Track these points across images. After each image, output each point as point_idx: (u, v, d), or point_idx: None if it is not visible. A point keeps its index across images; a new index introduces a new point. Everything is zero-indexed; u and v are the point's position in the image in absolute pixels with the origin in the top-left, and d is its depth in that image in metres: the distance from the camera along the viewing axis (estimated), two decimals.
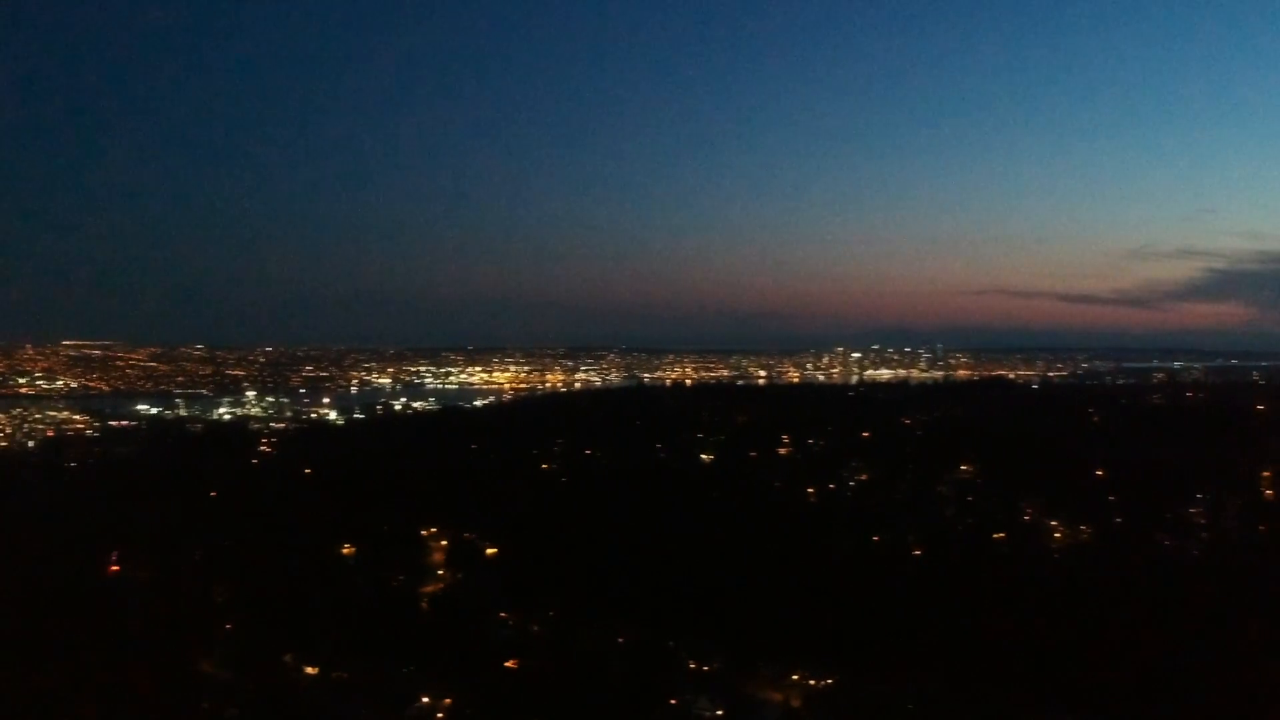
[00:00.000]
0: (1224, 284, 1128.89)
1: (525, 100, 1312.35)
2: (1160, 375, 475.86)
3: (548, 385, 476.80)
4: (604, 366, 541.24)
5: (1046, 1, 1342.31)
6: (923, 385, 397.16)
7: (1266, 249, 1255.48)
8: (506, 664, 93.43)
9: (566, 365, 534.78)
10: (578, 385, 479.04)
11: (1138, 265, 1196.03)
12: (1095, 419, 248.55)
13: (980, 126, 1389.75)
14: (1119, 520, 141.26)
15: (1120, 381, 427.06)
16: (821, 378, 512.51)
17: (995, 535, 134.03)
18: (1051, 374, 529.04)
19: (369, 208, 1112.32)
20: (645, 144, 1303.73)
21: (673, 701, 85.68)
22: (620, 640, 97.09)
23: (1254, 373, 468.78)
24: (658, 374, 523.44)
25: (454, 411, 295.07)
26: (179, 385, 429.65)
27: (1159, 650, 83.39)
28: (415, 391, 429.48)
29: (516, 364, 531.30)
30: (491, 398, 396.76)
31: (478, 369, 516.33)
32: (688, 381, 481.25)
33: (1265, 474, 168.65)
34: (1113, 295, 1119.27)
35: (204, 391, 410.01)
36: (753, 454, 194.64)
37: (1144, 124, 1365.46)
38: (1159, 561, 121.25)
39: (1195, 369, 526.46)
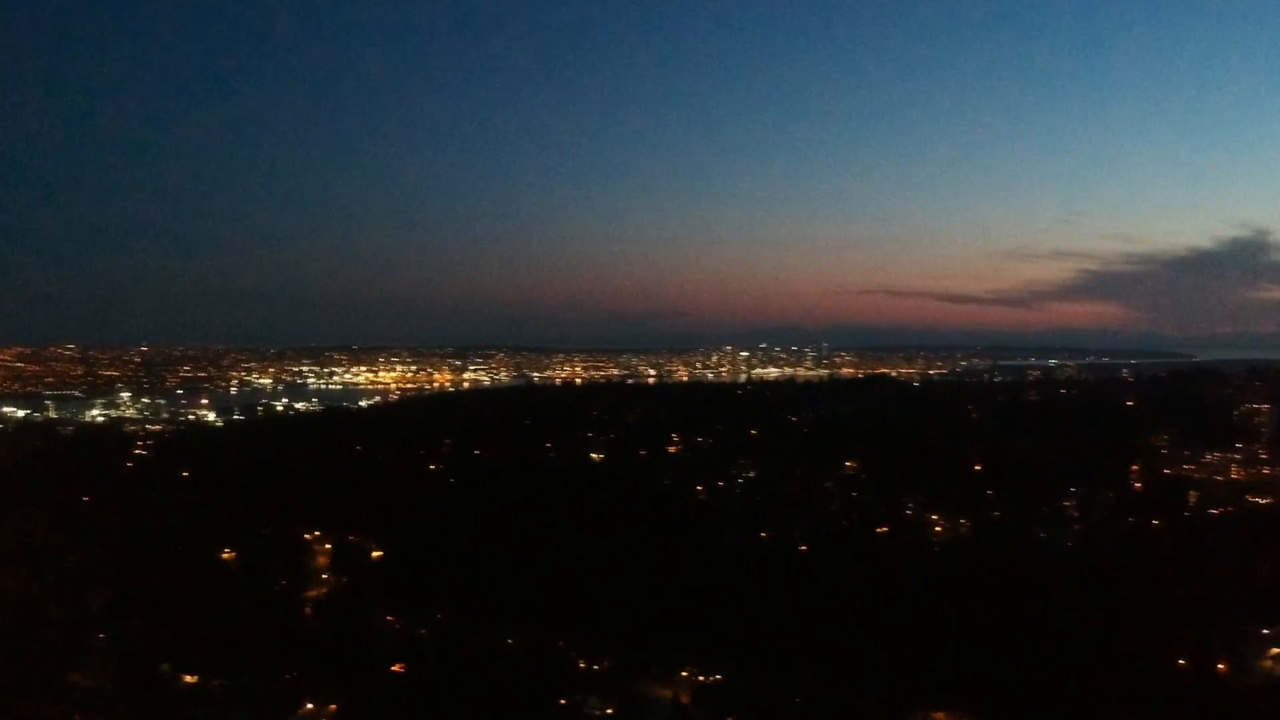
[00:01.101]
0: (1096, 284, 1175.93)
1: (408, 100, 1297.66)
2: (1036, 373, 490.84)
3: (436, 385, 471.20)
4: (493, 366, 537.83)
5: (926, 7, 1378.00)
6: (809, 383, 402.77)
7: (1135, 251, 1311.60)
8: (393, 668, 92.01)
9: (455, 364, 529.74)
10: (466, 384, 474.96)
11: (1014, 266, 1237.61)
12: (974, 416, 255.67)
13: (862, 131, 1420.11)
14: (996, 514, 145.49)
15: (997, 379, 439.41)
16: (710, 376, 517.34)
17: (879, 530, 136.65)
18: (932, 372, 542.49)
19: (249, 205, 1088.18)
20: (533, 144, 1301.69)
21: (563, 701, 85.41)
22: (510, 642, 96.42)
23: (1124, 370, 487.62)
24: (547, 373, 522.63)
25: (338, 412, 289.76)
26: (49, 386, 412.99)
27: (1036, 640, 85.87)
28: (298, 392, 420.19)
29: (403, 363, 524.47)
30: (377, 398, 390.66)
31: (363, 369, 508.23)
32: (578, 380, 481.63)
33: (1134, 467, 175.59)
34: (990, 295, 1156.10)
35: (76, 393, 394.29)
36: (643, 452, 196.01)
37: (1020, 129, 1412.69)
38: (1034, 553, 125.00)
39: (1069, 366, 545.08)
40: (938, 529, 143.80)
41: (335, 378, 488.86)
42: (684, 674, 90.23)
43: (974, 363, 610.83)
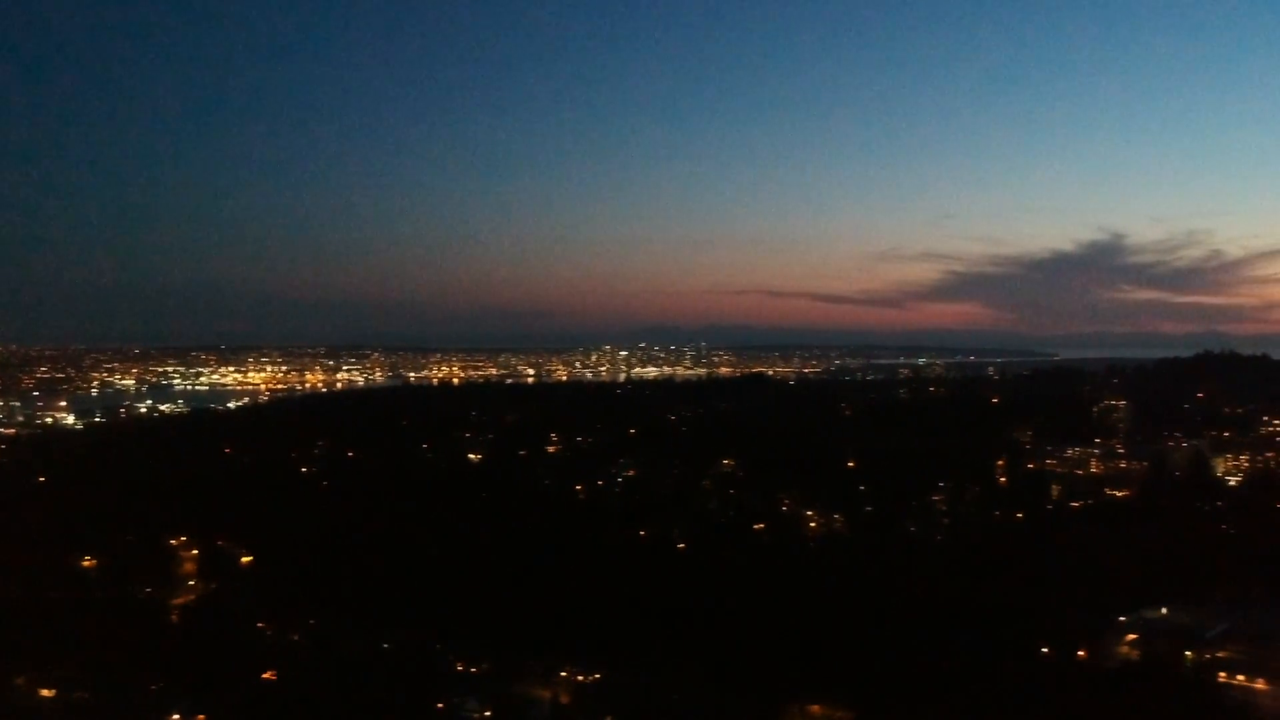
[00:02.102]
0: (963, 285, 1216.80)
1: (277, 93, 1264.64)
2: (906, 371, 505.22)
3: (308, 385, 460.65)
4: (368, 366, 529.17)
5: (798, 8, 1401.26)
6: (687, 382, 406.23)
7: (1000, 253, 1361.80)
8: (264, 675, 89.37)
9: (328, 365, 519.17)
10: (340, 385, 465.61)
11: (885, 267, 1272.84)
12: (847, 413, 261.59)
13: (741, 133, 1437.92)
14: (869, 509, 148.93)
15: (870, 377, 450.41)
16: (590, 376, 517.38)
17: (756, 526, 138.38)
18: (807, 370, 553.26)
19: (108, 200, 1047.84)
20: (410, 140, 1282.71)
21: (440, 705, 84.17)
22: (385, 646, 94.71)
23: (990, 368, 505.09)
24: (424, 373, 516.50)
25: (205, 414, 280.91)
26: None
27: (908, 631, 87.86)
28: (162, 393, 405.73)
29: (274, 364, 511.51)
30: (246, 399, 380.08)
31: (231, 369, 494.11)
32: (455, 380, 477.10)
33: (1000, 462, 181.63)
34: (863, 296, 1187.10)
35: None
36: (522, 452, 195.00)
37: (892, 134, 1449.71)
38: (905, 546, 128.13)
39: (938, 365, 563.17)
40: (813, 525, 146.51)
41: (202, 379, 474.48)
42: (563, 674, 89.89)
43: (847, 362, 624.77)
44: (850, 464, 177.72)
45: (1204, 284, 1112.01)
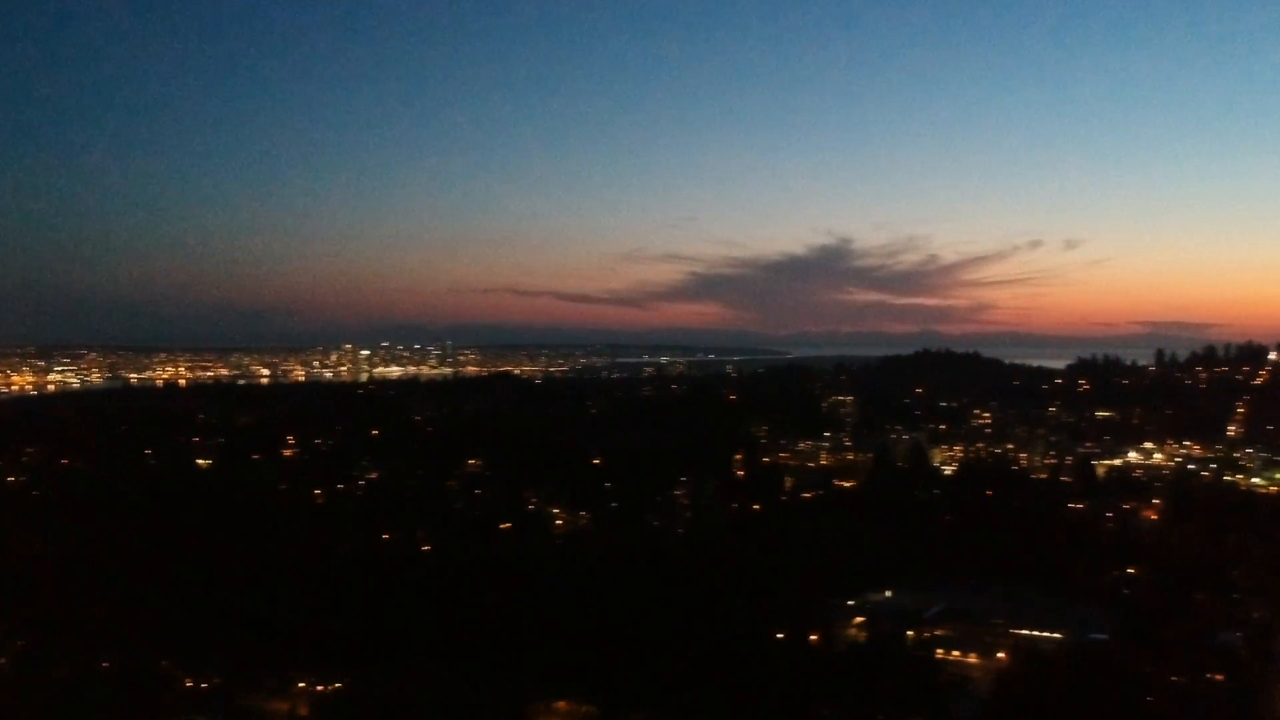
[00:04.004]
0: (703, 286, 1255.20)
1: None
2: (650, 370, 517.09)
3: (14, 388, 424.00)
4: (83, 367, 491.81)
5: (535, 12, 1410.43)
6: (432, 382, 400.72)
7: (738, 255, 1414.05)
8: None
9: (37, 366, 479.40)
10: (52, 388, 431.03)
11: (629, 268, 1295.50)
12: (593, 411, 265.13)
13: (486, 130, 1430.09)
14: (614, 505, 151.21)
15: (615, 376, 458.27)
16: (330, 376, 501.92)
17: (502, 526, 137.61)
18: (553, 369, 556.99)
19: None
20: (130, 125, 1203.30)
21: None
22: (105, 665, 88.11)
23: (729, 366, 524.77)
24: (147, 374, 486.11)
25: None
26: None
27: (652, 624, 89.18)
28: None
29: None
30: None
31: None
32: (182, 382, 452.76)
33: (738, 457, 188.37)
34: (607, 295, 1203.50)
35: None
36: (256, 456, 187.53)
37: (637, 134, 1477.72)
38: (649, 540, 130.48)
39: (680, 364, 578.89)
40: (559, 522, 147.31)
41: None
42: (301, 685, 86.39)
43: (593, 360, 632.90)
44: (596, 461, 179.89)
45: (922, 287, 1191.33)
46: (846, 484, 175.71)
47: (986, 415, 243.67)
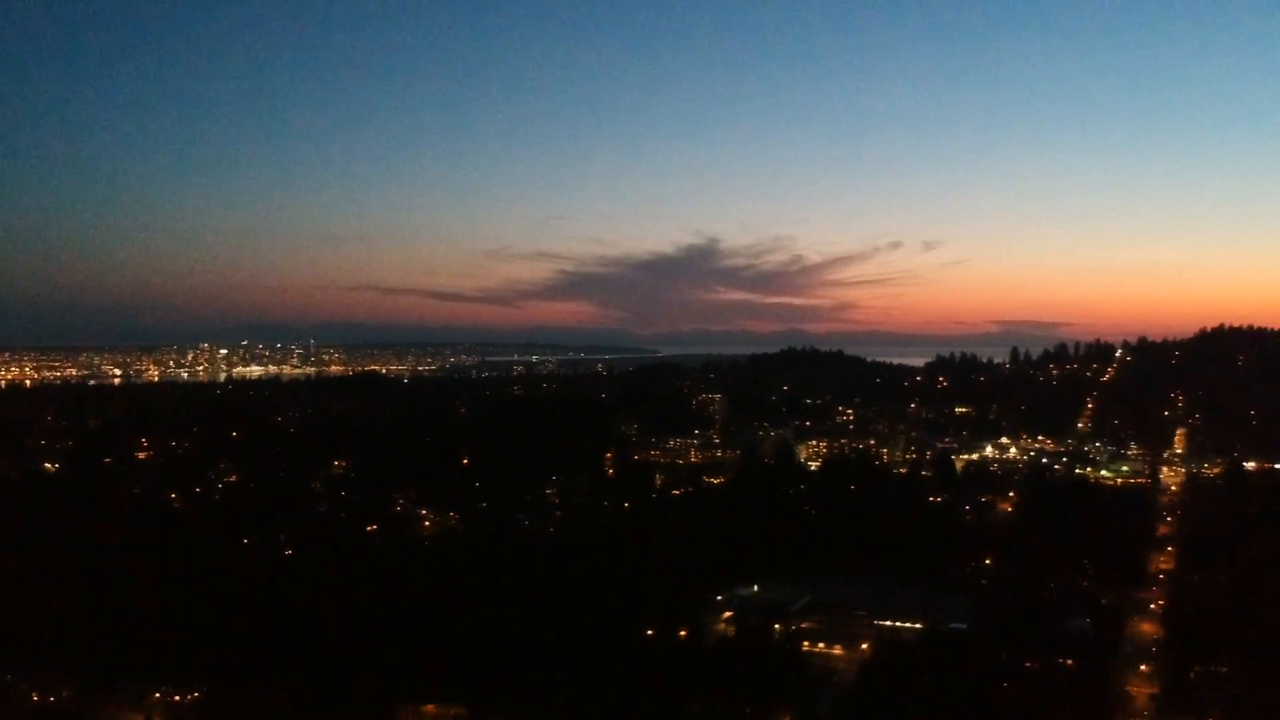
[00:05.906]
0: (573, 284, 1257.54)
1: None
2: (520, 369, 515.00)
3: None
4: None
5: (408, 13, 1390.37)
6: (295, 382, 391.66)
7: (607, 254, 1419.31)
8: None
9: None
10: None
11: (499, 266, 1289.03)
12: (462, 411, 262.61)
13: (349, 128, 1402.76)
14: (484, 504, 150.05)
15: (484, 375, 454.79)
16: (186, 375, 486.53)
17: (369, 528, 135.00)
18: (422, 368, 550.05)
19: None
20: None
21: None
22: None
23: (599, 365, 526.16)
24: None
25: None
26: None
27: (521, 623, 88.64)
28: None
29: None
30: None
31: None
32: (26, 383, 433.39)
33: (608, 455, 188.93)
34: (477, 293, 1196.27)
35: None
36: (108, 460, 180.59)
37: (505, 132, 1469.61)
38: (519, 540, 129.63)
39: (550, 362, 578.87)
40: (427, 523, 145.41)
41: None
42: (157, 695, 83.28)
43: (462, 359, 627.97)
44: (465, 461, 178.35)
45: (788, 286, 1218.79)
46: (716, 480, 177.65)
47: (850, 412, 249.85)
